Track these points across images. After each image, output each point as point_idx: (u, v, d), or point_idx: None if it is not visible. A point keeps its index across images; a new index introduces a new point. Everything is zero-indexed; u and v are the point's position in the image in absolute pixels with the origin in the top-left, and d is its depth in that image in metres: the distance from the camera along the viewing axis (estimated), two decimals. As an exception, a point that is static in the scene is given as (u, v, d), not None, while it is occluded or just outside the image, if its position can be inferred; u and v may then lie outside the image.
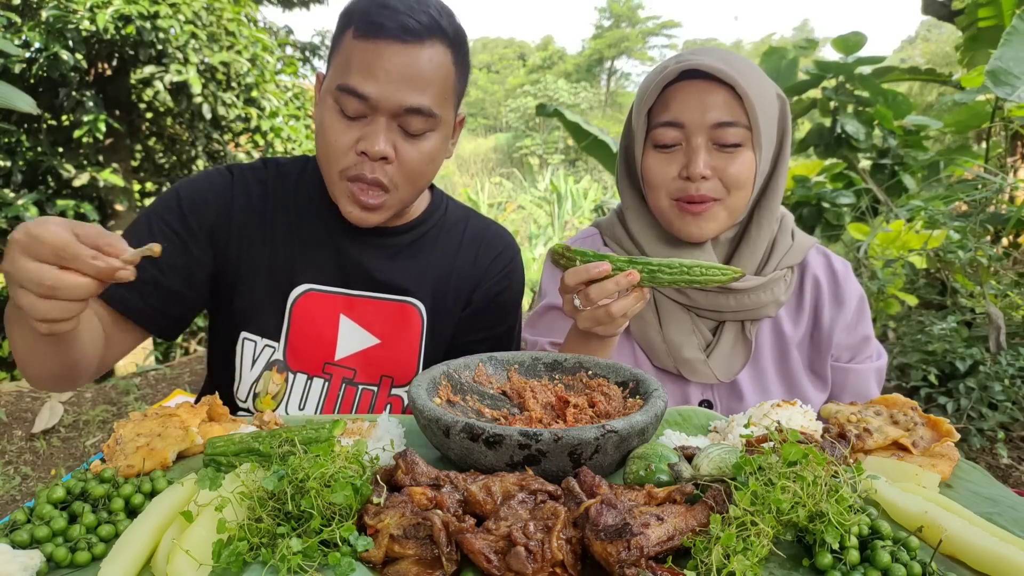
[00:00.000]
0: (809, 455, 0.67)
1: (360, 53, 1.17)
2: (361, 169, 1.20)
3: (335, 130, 1.20)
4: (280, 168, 1.41)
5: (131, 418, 0.93)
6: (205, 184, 1.36)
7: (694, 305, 1.35)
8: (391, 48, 1.16)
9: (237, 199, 1.34)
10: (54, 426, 4.05)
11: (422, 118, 1.20)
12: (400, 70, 1.16)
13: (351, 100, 1.17)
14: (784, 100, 1.31)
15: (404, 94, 1.17)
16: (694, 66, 1.21)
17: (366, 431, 0.92)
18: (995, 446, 3.24)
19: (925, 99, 8.64)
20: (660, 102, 1.27)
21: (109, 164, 5.57)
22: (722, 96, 1.22)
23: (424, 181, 1.30)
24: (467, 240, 1.48)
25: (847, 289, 1.39)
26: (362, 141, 1.19)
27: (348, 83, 1.17)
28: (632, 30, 36.55)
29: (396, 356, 1.39)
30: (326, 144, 1.22)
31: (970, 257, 3.61)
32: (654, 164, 1.29)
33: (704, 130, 1.23)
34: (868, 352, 1.39)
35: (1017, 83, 3.43)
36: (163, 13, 4.95)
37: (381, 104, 1.17)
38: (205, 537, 0.64)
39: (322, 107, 1.24)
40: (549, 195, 12.16)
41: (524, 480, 0.73)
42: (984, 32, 4.82)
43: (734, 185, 1.25)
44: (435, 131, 1.25)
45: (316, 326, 1.35)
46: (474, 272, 1.45)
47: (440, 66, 1.21)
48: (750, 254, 1.34)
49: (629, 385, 1.01)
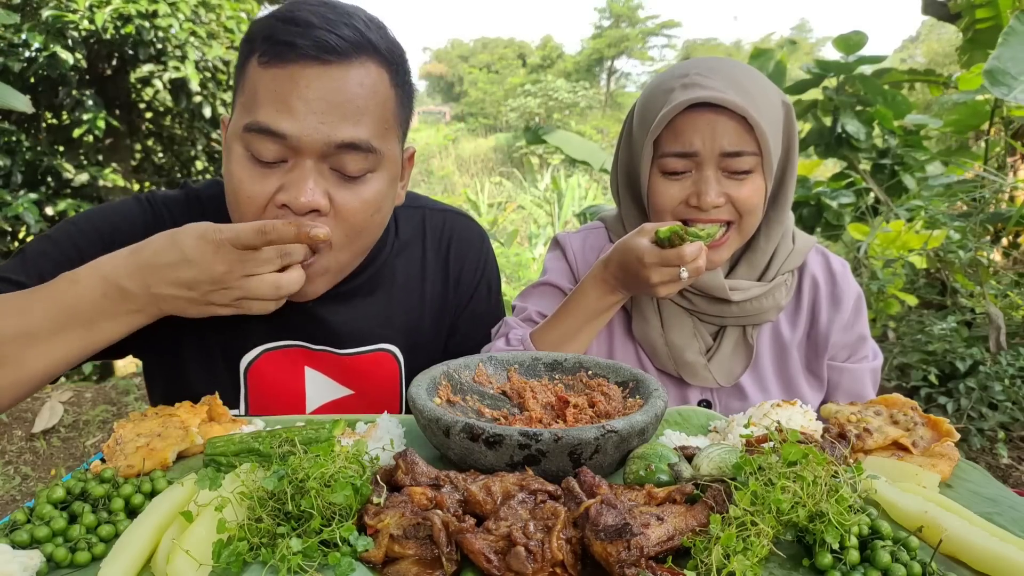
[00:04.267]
0: (809, 455, 0.67)
1: (269, 82, 0.94)
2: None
3: (247, 181, 0.97)
4: (203, 203, 1.18)
5: (131, 418, 0.93)
6: (128, 215, 1.13)
7: (696, 310, 1.35)
8: (308, 71, 0.93)
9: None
10: (54, 426, 4.05)
11: (359, 155, 0.98)
12: (323, 97, 0.94)
13: (264, 142, 0.94)
14: (789, 107, 1.30)
15: (332, 127, 0.94)
16: (704, 98, 1.18)
17: (366, 431, 0.92)
18: (995, 446, 3.24)
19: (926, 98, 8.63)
20: (669, 130, 1.24)
21: (109, 163, 5.57)
22: (733, 125, 1.19)
23: (370, 237, 1.08)
24: (431, 251, 1.30)
25: (845, 288, 1.39)
26: (282, 192, 0.96)
27: (259, 120, 0.94)
28: (632, 30, 36.55)
29: (374, 405, 1.23)
30: (238, 199, 0.99)
31: (970, 257, 3.61)
32: (663, 190, 1.27)
33: (715, 159, 1.21)
34: (864, 352, 1.39)
35: (1014, 83, 3.43)
36: (162, 12, 4.94)
37: (303, 142, 0.94)
38: (205, 537, 0.64)
39: (230, 157, 1.00)
40: (549, 195, 12.15)
41: (524, 480, 0.73)
42: (982, 33, 4.82)
43: (745, 210, 1.25)
44: (377, 171, 1.02)
45: (279, 384, 1.19)
46: (448, 291, 1.31)
47: (374, 89, 0.98)
48: (755, 263, 1.34)
49: (629, 385, 1.01)
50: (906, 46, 35.40)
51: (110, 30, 4.84)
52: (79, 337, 0.95)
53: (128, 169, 5.95)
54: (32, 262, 1.09)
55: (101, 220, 1.13)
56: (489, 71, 38.27)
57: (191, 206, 1.19)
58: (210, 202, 1.19)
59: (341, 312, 1.20)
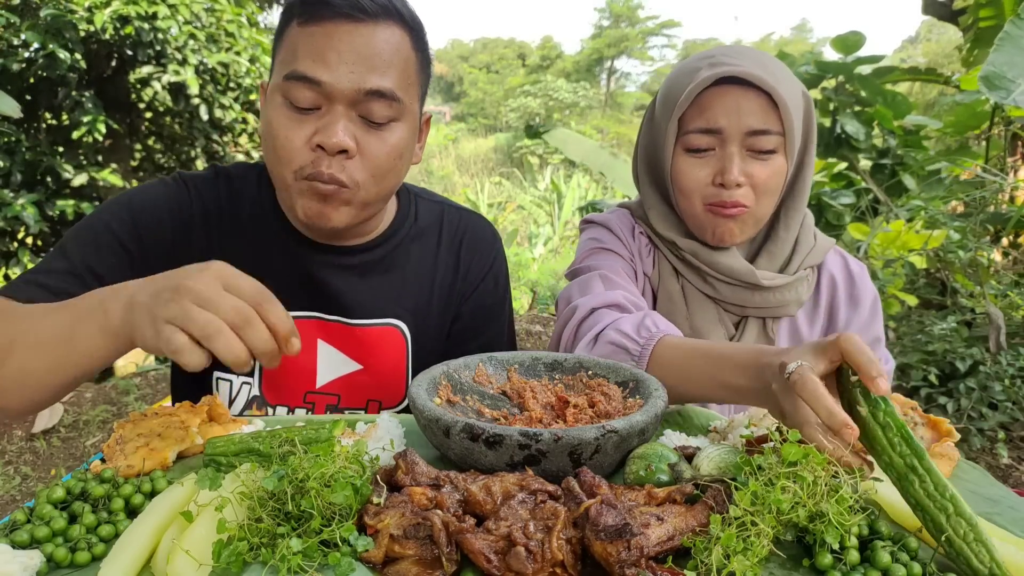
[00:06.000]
0: (809, 455, 0.67)
1: (307, 39, 1.06)
2: (318, 166, 1.07)
3: (285, 126, 1.08)
4: (232, 182, 1.27)
5: (131, 418, 0.93)
6: (159, 196, 1.21)
7: (720, 297, 1.35)
8: (342, 27, 1.06)
9: (195, 217, 1.21)
10: (54, 426, 4.05)
11: (385, 103, 1.08)
12: (355, 50, 1.06)
13: (301, 89, 1.06)
14: (809, 98, 1.30)
15: (362, 76, 1.06)
16: (731, 73, 1.18)
17: (366, 431, 0.92)
18: (995, 446, 3.24)
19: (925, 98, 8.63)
20: (694, 107, 1.24)
21: (108, 164, 5.57)
22: (758, 103, 1.20)
23: (391, 181, 1.17)
24: (445, 243, 1.37)
25: (863, 289, 1.40)
26: (318, 135, 1.07)
27: (296, 69, 1.05)
28: (632, 30, 36.55)
29: (381, 381, 1.30)
30: (276, 143, 1.09)
31: (970, 257, 3.61)
32: (687, 169, 1.27)
33: (739, 137, 1.21)
34: (879, 354, 1.39)
35: (1012, 87, 3.43)
36: (162, 14, 4.94)
37: (336, 89, 1.05)
38: (205, 537, 0.64)
39: (268, 107, 1.12)
40: (549, 195, 12.15)
41: (524, 480, 0.73)
42: (986, 32, 4.82)
43: (763, 192, 1.25)
44: (400, 121, 1.12)
45: (292, 357, 1.23)
46: (457, 280, 1.36)
47: (399, 48, 1.10)
48: (777, 254, 1.34)
49: (629, 385, 1.01)
50: (905, 46, 35.42)
51: (109, 30, 4.84)
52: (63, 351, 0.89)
53: (128, 169, 5.95)
54: (71, 249, 1.13)
55: (131, 200, 1.20)
56: (489, 71, 38.28)
57: (220, 185, 1.26)
58: (239, 181, 1.27)
59: (356, 284, 1.26)
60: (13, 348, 0.91)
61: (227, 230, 1.23)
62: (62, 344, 0.89)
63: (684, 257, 1.35)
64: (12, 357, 0.91)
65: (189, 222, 1.21)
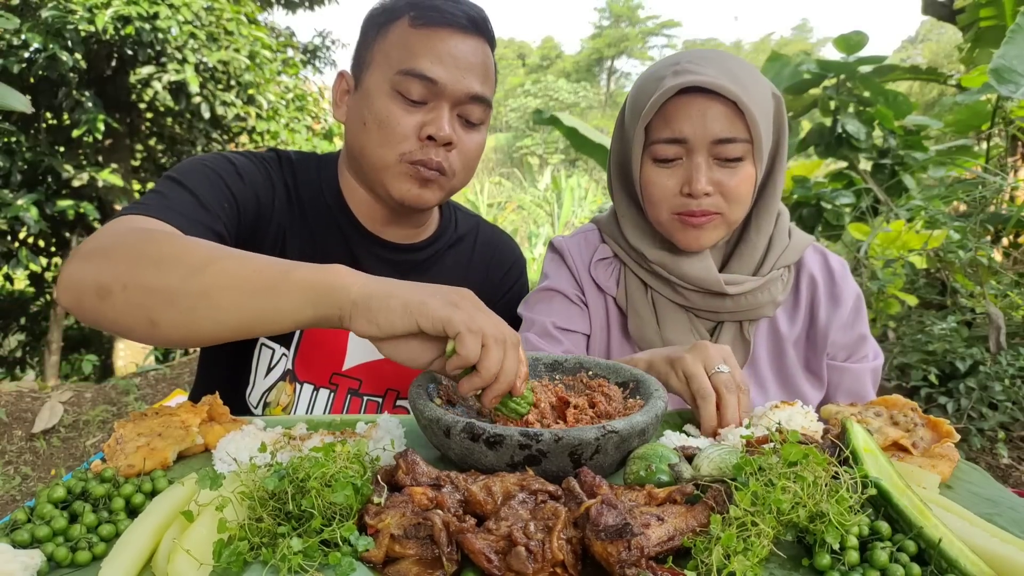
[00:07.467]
0: (809, 455, 0.67)
1: (423, 39, 1.18)
2: (426, 154, 1.20)
3: (398, 114, 1.19)
4: (295, 166, 1.36)
5: (131, 418, 0.93)
6: (251, 165, 1.29)
7: (691, 305, 1.34)
8: (455, 36, 1.19)
9: (278, 191, 1.30)
10: (54, 426, 4.05)
11: (482, 108, 1.23)
12: (465, 57, 1.19)
13: (416, 84, 1.17)
14: (779, 98, 1.29)
15: (470, 81, 1.19)
16: (694, 82, 1.17)
17: (366, 431, 0.92)
18: (995, 446, 3.24)
19: (926, 98, 8.64)
20: (659, 116, 1.23)
21: (109, 164, 5.57)
22: (723, 111, 1.19)
23: (470, 174, 1.31)
24: (478, 254, 1.48)
25: (844, 287, 1.39)
26: (428, 126, 1.19)
27: (415, 67, 1.17)
28: (632, 30, 36.54)
29: (402, 370, 1.34)
30: (387, 128, 1.19)
31: (970, 257, 3.61)
32: (655, 179, 1.26)
33: (706, 146, 1.21)
34: (864, 351, 1.39)
35: (1021, 80, 3.42)
36: (163, 14, 4.94)
37: (447, 89, 1.18)
38: (206, 537, 0.64)
39: (375, 96, 1.21)
40: (549, 195, 12.16)
41: (524, 480, 0.73)
42: (986, 32, 4.82)
43: (734, 199, 1.24)
44: (485, 124, 1.27)
45: (326, 338, 1.31)
46: (484, 290, 1.41)
47: (488, 62, 1.24)
48: (748, 256, 1.34)
49: (629, 386, 1.01)
50: (905, 46, 35.40)
51: (110, 31, 4.84)
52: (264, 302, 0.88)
53: (128, 169, 5.96)
54: (192, 184, 1.14)
55: (231, 158, 1.26)
56: (489, 71, 38.17)
57: (282, 164, 1.34)
58: (299, 164, 1.35)
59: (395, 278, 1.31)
60: (206, 269, 0.89)
61: (293, 210, 1.32)
62: (261, 292, 0.87)
63: (653, 269, 1.35)
64: (205, 275, 0.88)
65: (272, 195, 1.29)
